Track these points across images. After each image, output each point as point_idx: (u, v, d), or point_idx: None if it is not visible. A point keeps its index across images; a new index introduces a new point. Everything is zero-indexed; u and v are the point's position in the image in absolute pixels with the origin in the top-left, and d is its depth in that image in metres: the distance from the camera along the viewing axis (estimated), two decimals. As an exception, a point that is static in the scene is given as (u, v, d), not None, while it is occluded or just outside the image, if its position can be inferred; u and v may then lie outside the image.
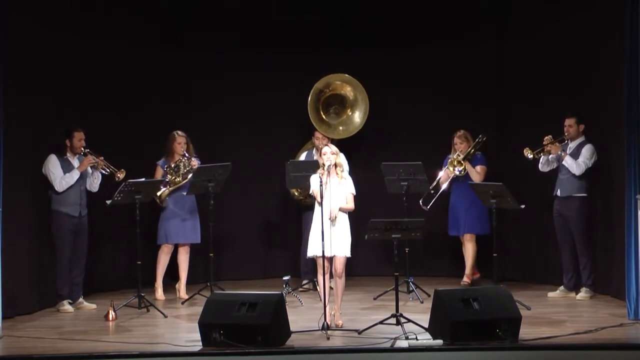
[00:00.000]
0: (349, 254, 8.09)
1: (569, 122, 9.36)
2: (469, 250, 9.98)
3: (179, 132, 9.70)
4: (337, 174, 8.08)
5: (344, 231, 8.05)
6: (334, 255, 8.02)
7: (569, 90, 9.71)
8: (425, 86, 10.82)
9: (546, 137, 9.35)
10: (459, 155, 9.86)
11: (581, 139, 9.37)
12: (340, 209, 8.04)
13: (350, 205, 8.11)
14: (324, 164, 8.08)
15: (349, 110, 10.31)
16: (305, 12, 10.59)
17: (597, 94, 9.34)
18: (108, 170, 9.12)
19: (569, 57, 9.77)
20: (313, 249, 8.04)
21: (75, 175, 9.02)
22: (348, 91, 10.27)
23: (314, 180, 8.08)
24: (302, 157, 10.10)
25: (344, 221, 8.08)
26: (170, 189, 9.59)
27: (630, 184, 8.19)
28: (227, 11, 10.58)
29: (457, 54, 10.71)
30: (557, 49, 9.90)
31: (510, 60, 10.58)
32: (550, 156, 9.40)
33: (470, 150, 9.88)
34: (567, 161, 9.26)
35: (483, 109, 10.66)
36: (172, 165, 9.59)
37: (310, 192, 8.19)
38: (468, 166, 9.87)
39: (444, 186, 9.91)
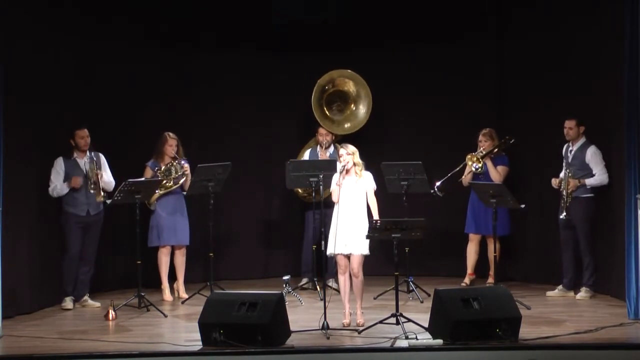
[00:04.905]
0: (366, 252, 8.09)
1: (569, 124, 9.33)
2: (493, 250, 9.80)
3: (171, 134, 9.57)
4: (356, 172, 8.09)
5: (362, 229, 8.03)
6: (351, 254, 8.06)
7: (570, 90, 9.69)
8: (426, 86, 10.81)
9: (555, 182, 9.27)
10: (480, 152, 9.81)
11: (582, 141, 9.34)
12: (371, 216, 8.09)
13: (373, 203, 8.14)
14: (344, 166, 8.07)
15: (352, 106, 10.30)
16: (305, 12, 10.58)
17: (598, 94, 9.33)
18: (94, 190, 9.07)
19: (569, 57, 9.76)
20: (332, 248, 8.06)
21: (64, 190, 9.04)
22: (350, 87, 10.25)
23: (334, 179, 8.14)
24: (306, 154, 10.06)
25: (362, 219, 8.08)
26: (161, 192, 9.45)
27: (630, 184, 8.19)
28: (227, 12, 10.57)
29: (458, 53, 10.70)
30: (558, 49, 9.88)
31: (511, 60, 10.57)
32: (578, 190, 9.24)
33: (494, 149, 9.81)
34: (592, 183, 9.15)
35: (483, 109, 10.65)
36: (163, 168, 9.47)
37: (331, 189, 8.19)
38: (489, 164, 9.77)
39: (465, 180, 9.78)
